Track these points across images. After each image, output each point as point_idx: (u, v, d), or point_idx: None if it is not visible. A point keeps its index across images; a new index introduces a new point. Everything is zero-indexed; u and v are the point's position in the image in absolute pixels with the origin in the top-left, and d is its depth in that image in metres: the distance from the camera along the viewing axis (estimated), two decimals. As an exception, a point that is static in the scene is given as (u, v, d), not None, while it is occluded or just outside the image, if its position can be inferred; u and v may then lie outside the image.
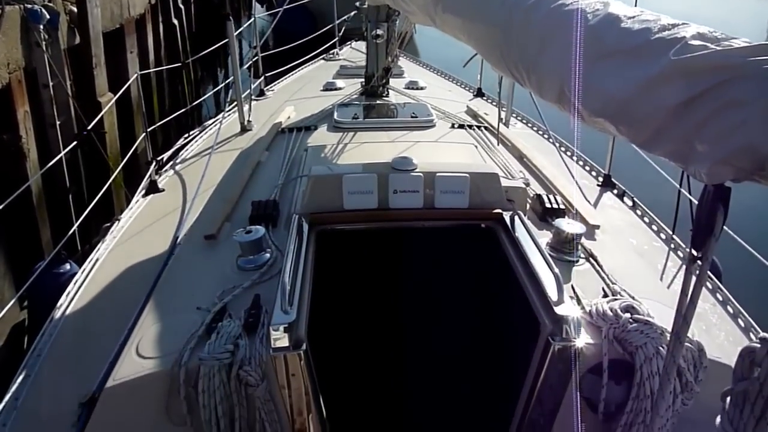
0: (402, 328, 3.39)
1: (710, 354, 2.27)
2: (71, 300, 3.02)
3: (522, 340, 2.48)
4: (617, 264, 2.81)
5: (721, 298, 3.04)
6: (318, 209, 3.06)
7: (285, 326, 2.24)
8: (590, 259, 2.81)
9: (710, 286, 3.09)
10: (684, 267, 1.94)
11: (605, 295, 2.50)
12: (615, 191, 4.17)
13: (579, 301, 2.47)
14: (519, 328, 2.57)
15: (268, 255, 2.82)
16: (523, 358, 2.44)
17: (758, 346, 1.40)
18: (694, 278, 1.61)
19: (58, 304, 2.99)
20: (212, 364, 2.15)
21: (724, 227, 1.50)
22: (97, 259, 3.35)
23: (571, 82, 1.75)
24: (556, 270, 2.46)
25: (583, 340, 2.26)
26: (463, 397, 3.36)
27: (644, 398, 2.19)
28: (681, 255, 3.32)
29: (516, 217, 2.99)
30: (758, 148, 1.32)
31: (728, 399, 1.52)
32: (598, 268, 2.73)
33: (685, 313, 1.66)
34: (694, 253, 1.58)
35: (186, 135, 5.53)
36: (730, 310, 2.97)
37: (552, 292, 2.41)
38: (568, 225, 2.86)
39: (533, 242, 2.76)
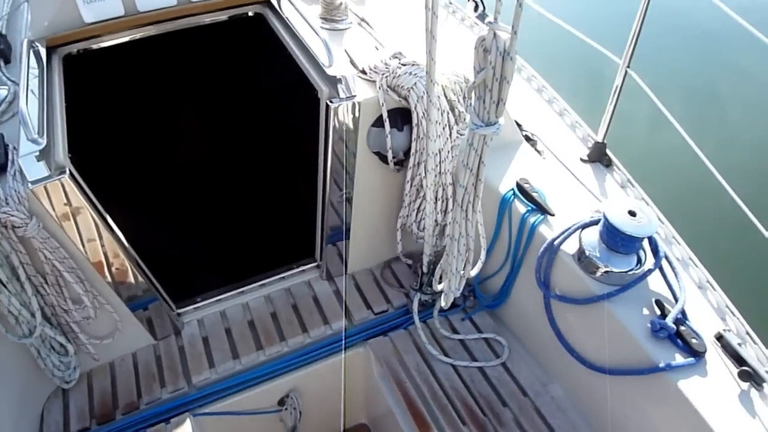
0: (186, 134, 3.21)
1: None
2: None
3: (306, 113, 2.46)
4: (389, 26, 2.80)
5: None
6: (54, 31, 2.60)
7: (37, 155, 1.97)
8: (362, 23, 2.75)
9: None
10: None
11: (377, 53, 2.49)
12: None
13: (354, 63, 2.44)
14: (301, 102, 2.52)
15: (4, 92, 2.39)
16: (311, 130, 2.44)
17: (485, 32, 1.46)
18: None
19: None
20: (-41, 215, 1.86)
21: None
22: None
23: None
24: (324, 36, 2.38)
25: (361, 96, 2.27)
26: (265, 188, 3.37)
27: (424, 137, 2.31)
28: (460, 17, 3.40)
29: None
30: None
31: (473, 95, 1.63)
32: (370, 30, 2.69)
33: (431, 29, 1.68)
34: None
35: None
36: None
37: (324, 58, 2.35)
38: None
39: (302, 17, 2.63)
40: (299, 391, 2.65)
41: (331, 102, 2.23)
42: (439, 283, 2.25)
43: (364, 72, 2.36)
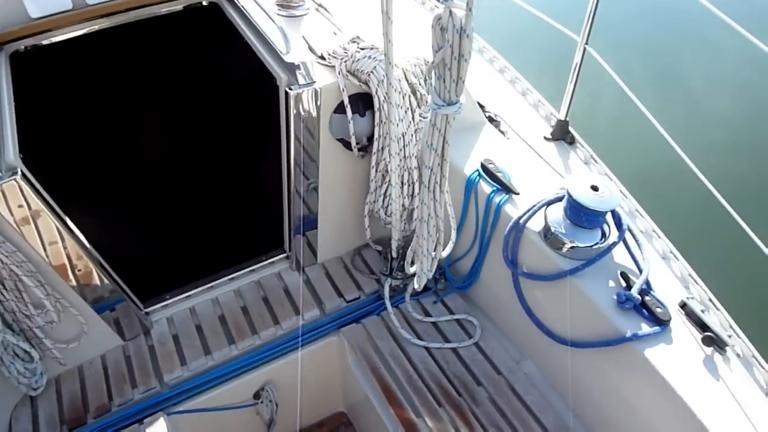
0: (144, 129, 3.14)
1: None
2: None
3: (266, 102, 2.42)
4: (348, 10, 2.76)
5: None
6: None
7: None
8: (319, 9, 2.72)
9: None
10: None
11: (336, 38, 2.46)
12: None
13: (312, 50, 2.41)
14: (260, 91, 2.48)
15: None
16: (273, 120, 2.40)
17: (441, 11, 1.45)
18: None
19: None
20: None
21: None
22: None
23: None
24: (281, 23, 2.35)
25: (320, 82, 2.24)
26: (230, 180, 3.30)
27: (386, 121, 2.29)
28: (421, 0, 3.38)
29: None
30: None
31: (433, 75, 1.62)
32: (327, 15, 2.65)
33: (387, 10, 1.66)
34: None
35: None
36: None
37: (281, 45, 2.31)
38: None
39: (257, 5, 2.58)
40: (274, 384, 2.64)
41: (290, 89, 2.20)
42: (411, 265, 2.25)
43: (322, 58, 2.33)
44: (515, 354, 2.51)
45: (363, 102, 2.32)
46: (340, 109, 2.32)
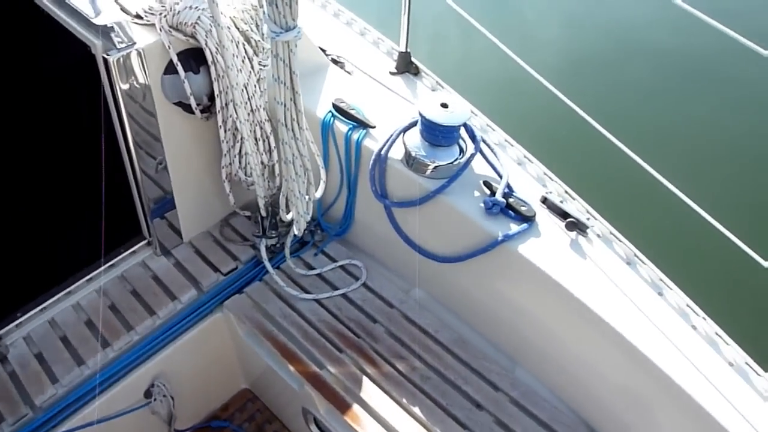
0: None
1: None
2: None
3: (86, 77, 2.17)
4: None
5: None
6: None
7: None
8: None
9: None
10: None
11: (150, -6, 2.25)
12: None
13: (125, 9, 2.18)
14: (76, 65, 2.22)
15: None
16: (93, 92, 2.16)
17: None
18: None
19: None
20: None
21: None
22: None
23: None
24: None
25: (142, 43, 2.04)
26: (66, 172, 2.96)
27: (225, 73, 2.15)
28: None
29: None
30: None
31: (264, 1, 1.53)
32: None
33: None
34: None
35: None
36: None
37: (87, 8, 2.07)
38: None
39: None
40: (165, 377, 2.46)
41: (108, 55, 1.98)
42: (288, 213, 2.17)
43: (138, 17, 2.12)
44: (403, 284, 2.54)
45: (194, 58, 2.15)
46: (170, 69, 2.13)
